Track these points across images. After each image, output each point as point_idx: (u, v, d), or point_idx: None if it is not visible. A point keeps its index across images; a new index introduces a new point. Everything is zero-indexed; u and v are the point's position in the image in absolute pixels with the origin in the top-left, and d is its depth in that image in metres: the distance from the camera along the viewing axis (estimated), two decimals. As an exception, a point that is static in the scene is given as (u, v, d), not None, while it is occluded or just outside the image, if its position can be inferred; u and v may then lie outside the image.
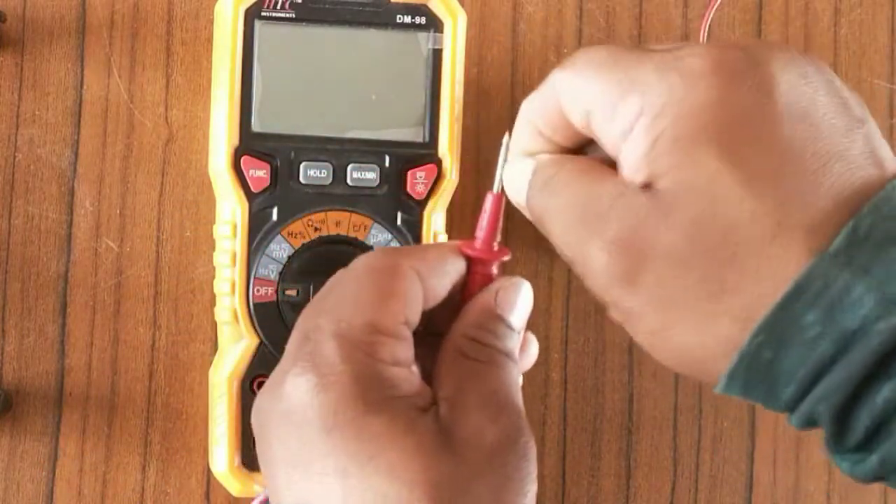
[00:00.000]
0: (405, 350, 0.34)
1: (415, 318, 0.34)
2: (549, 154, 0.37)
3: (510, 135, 0.37)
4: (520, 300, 0.36)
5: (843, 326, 0.28)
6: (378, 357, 0.32)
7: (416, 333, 0.35)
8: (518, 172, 0.37)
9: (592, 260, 0.31)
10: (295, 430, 0.32)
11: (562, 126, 0.35)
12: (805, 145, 0.30)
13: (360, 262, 0.35)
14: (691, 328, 0.30)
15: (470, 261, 0.37)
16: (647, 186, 0.31)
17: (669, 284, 0.30)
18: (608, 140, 0.33)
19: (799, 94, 0.30)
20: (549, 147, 0.37)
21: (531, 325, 0.39)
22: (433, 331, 0.37)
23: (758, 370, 0.29)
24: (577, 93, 0.33)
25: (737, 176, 0.29)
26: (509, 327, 0.36)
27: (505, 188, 0.37)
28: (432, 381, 0.35)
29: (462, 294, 0.37)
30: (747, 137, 0.30)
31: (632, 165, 0.31)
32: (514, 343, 0.36)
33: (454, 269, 0.36)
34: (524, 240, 0.52)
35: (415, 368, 0.34)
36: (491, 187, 0.38)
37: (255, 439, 0.35)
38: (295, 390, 0.32)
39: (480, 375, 0.34)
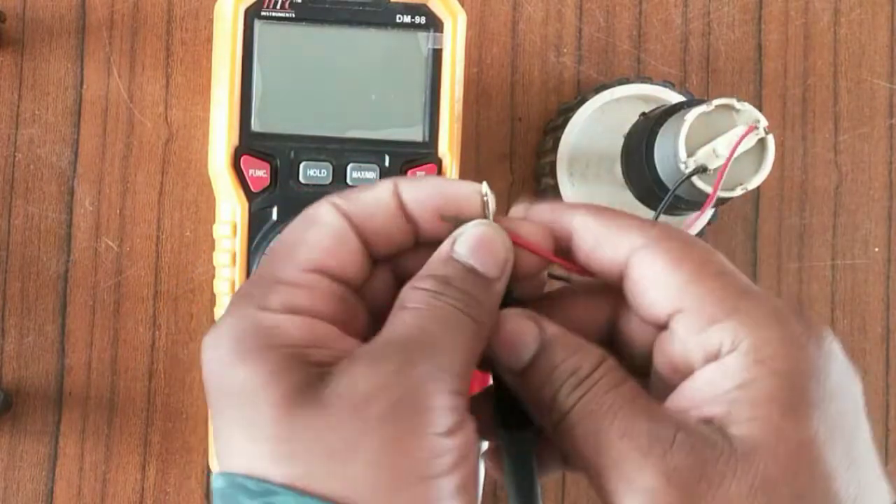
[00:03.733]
0: (309, 298, 0.31)
1: (339, 262, 0.31)
2: (549, 323, 0.32)
3: (491, 191, 0.33)
4: (487, 241, 0.32)
5: None
6: (265, 306, 0.30)
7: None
8: (518, 331, 0.32)
9: (639, 481, 0.29)
10: (206, 388, 0.31)
11: (601, 269, 0.32)
12: (869, 448, 0.31)
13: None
14: None
15: None
16: (708, 420, 0.30)
17: None
18: (683, 348, 0.31)
19: (862, 399, 0.31)
20: (544, 247, 0.33)
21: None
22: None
23: None
24: (670, 284, 0.31)
25: (822, 454, 0.29)
26: (475, 274, 0.31)
27: (496, 341, 0.32)
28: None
29: None
30: (837, 421, 0.30)
31: (707, 395, 0.30)
32: (478, 293, 0.31)
33: (391, 205, 0.32)
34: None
35: (327, 319, 0.31)
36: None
37: None
38: (202, 354, 0.31)
39: (398, 322, 0.30)
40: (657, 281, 0.31)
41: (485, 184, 0.33)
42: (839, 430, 0.30)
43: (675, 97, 0.49)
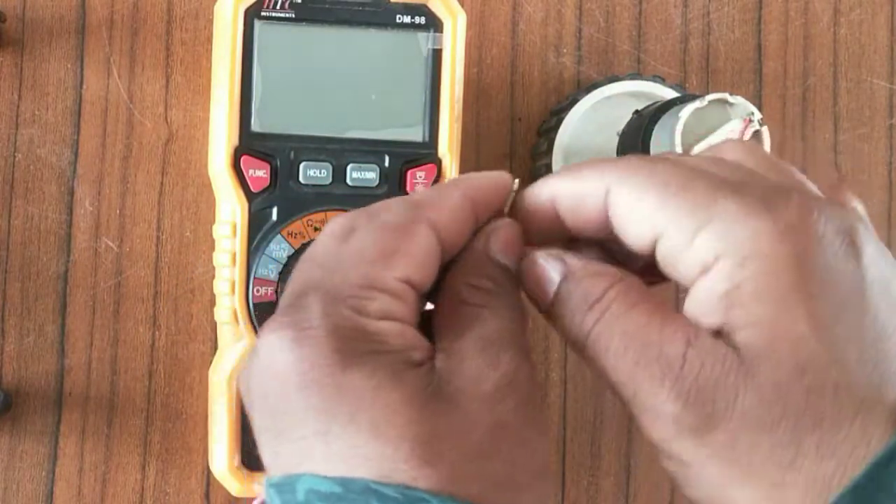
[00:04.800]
0: (401, 308, 0.31)
1: (424, 275, 0.32)
2: (570, 255, 0.33)
3: (519, 184, 0.35)
4: (513, 239, 0.34)
5: None
6: (364, 311, 0.30)
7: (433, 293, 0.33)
8: (546, 273, 0.33)
9: (658, 408, 0.29)
10: (272, 392, 0.30)
11: (591, 223, 0.33)
12: (888, 321, 0.30)
13: (373, 218, 0.33)
14: (753, 493, 0.29)
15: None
16: (718, 334, 0.30)
17: (741, 446, 0.29)
18: (679, 268, 0.31)
19: (881, 267, 0.30)
20: (547, 227, 0.34)
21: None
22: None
23: None
24: (642, 214, 0.31)
25: (825, 344, 0.29)
26: (505, 268, 0.33)
27: (524, 284, 0.34)
28: (434, 335, 0.32)
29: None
30: (836, 304, 0.29)
31: (705, 308, 0.30)
32: (516, 287, 0.33)
33: (474, 217, 0.34)
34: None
35: (411, 326, 0.32)
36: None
37: (246, 411, 0.33)
38: (270, 348, 0.30)
39: (479, 319, 0.32)
40: (631, 215, 0.31)
41: (516, 181, 0.35)
42: (839, 316, 0.29)
43: (666, 92, 0.49)
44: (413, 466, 0.28)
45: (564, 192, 0.33)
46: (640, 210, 0.31)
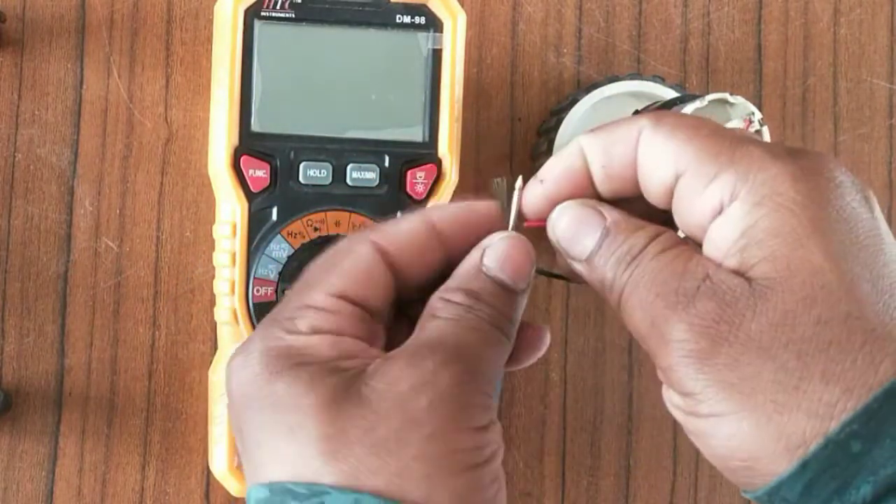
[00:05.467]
0: (335, 320, 0.32)
1: (365, 290, 0.33)
2: (607, 208, 0.34)
3: (524, 181, 0.36)
4: (515, 254, 0.34)
5: None
6: (293, 330, 0.32)
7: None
8: (586, 225, 0.34)
9: (669, 334, 0.30)
10: (231, 411, 0.33)
11: (621, 176, 0.34)
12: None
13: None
14: (754, 418, 0.29)
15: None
16: (736, 273, 0.31)
17: (743, 370, 0.29)
18: (690, 210, 0.32)
19: (884, 223, 0.32)
20: (582, 189, 0.34)
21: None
22: None
23: (837, 463, 0.28)
24: (668, 151, 0.32)
25: (838, 277, 0.29)
26: (503, 288, 0.33)
27: (559, 235, 0.34)
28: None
29: None
30: (852, 243, 0.30)
31: (720, 247, 0.31)
32: (504, 306, 0.33)
33: (424, 236, 0.34)
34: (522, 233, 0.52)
35: (353, 336, 0.33)
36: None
37: None
38: (228, 374, 0.33)
39: (432, 329, 0.32)
40: (659, 153, 0.32)
41: (520, 178, 0.35)
42: (854, 254, 0.30)
43: (666, 92, 0.49)
44: (321, 463, 0.30)
45: (596, 143, 0.34)
46: (668, 146, 0.32)
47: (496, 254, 0.34)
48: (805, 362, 0.29)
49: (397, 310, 0.35)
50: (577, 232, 0.34)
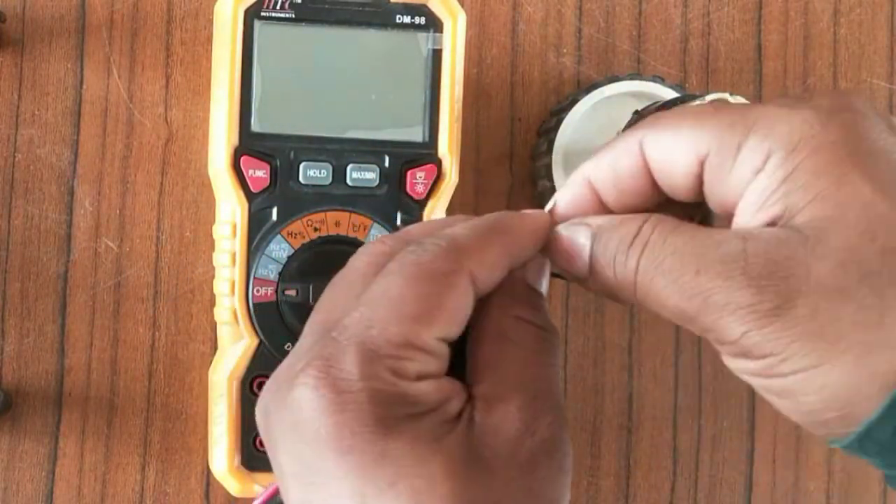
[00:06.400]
0: (437, 364, 0.31)
1: (458, 329, 0.32)
2: (591, 217, 0.34)
3: (555, 200, 0.35)
4: (547, 273, 0.35)
5: None
6: (404, 373, 0.30)
7: None
8: (575, 240, 0.33)
9: (731, 303, 0.29)
10: (307, 447, 0.30)
11: (633, 190, 0.33)
12: None
13: (411, 258, 0.32)
14: (844, 364, 0.28)
15: None
16: (773, 224, 0.30)
17: (824, 316, 0.28)
18: (727, 186, 0.31)
19: None
20: (596, 212, 0.34)
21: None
22: None
23: None
24: (682, 141, 0.31)
25: (890, 205, 0.29)
26: (546, 302, 0.34)
27: (556, 260, 0.34)
28: (467, 371, 0.32)
29: None
30: (892, 171, 0.30)
31: (760, 203, 0.30)
32: (547, 314, 0.34)
33: (509, 265, 0.34)
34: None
35: (444, 376, 0.32)
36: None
37: (263, 440, 0.33)
38: (306, 404, 0.30)
39: (526, 365, 0.32)
40: (672, 149, 0.32)
41: (553, 199, 0.35)
42: None
43: (666, 92, 0.49)
44: None
45: (601, 165, 0.33)
46: (680, 137, 0.31)
47: (538, 271, 0.34)
48: (882, 296, 0.28)
49: None
50: (569, 251, 0.33)
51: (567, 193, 0.34)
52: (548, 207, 0.35)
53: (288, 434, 0.30)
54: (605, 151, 0.34)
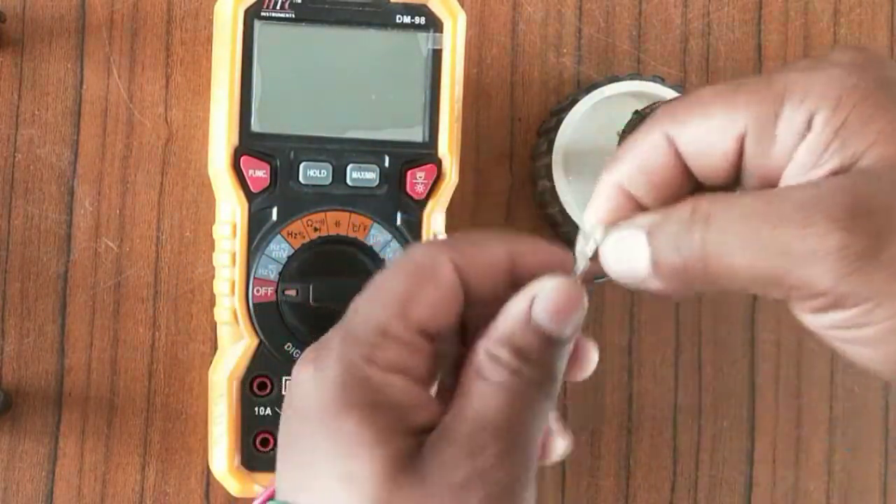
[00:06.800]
0: (412, 360, 0.31)
1: (440, 323, 0.31)
2: (635, 215, 0.32)
3: (601, 226, 0.33)
4: (566, 305, 0.31)
5: None
6: (374, 360, 0.30)
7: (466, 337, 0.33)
8: (629, 243, 0.31)
9: (819, 251, 0.27)
10: (292, 415, 0.31)
11: (663, 181, 0.32)
12: None
13: (404, 254, 0.33)
14: None
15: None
16: (834, 174, 0.29)
17: None
18: (770, 159, 0.30)
19: None
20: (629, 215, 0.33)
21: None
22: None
23: None
24: (715, 124, 0.31)
25: None
26: (550, 342, 0.31)
27: (613, 269, 0.32)
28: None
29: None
30: None
31: (813, 162, 0.29)
32: (552, 363, 0.31)
33: (502, 266, 0.32)
34: (522, 234, 0.52)
35: (420, 381, 0.32)
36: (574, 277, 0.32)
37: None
38: (297, 377, 0.31)
39: (487, 398, 0.30)
40: (705, 135, 0.31)
41: (601, 227, 0.32)
42: None
43: (666, 92, 0.49)
44: None
45: (627, 175, 0.32)
46: (712, 120, 0.31)
47: (547, 304, 0.31)
48: None
49: None
50: (626, 252, 0.31)
51: (602, 205, 0.33)
52: (581, 267, 0.33)
53: (286, 407, 0.32)
54: (626, 154, 0.32)
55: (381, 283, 0.32)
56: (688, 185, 0.32)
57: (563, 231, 0.51)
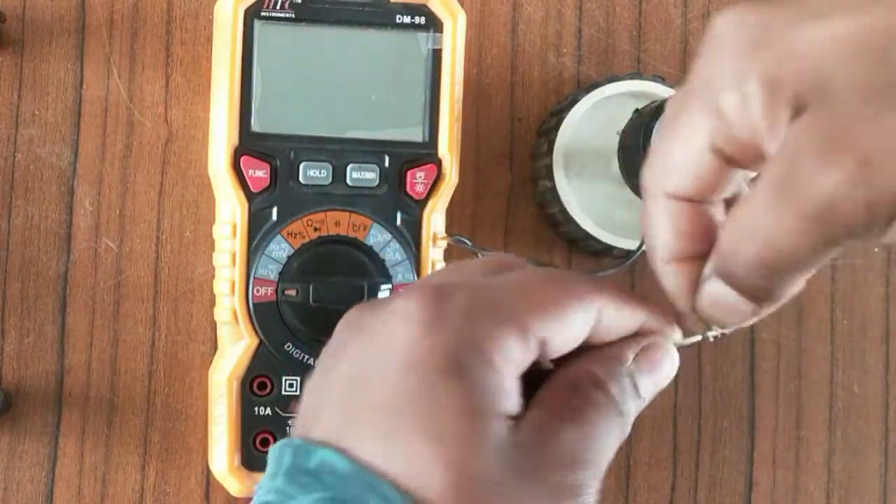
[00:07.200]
0: (522, 358, 0.30)
1: (560, 347, 0.31)
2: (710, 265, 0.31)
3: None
4: (660, 366, 0.33)
5: None
6: (495, 338, 0.30)
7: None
8: (718, 298, 0.31)
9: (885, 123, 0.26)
10: (374, 359, 0.30)
11: (709, 171, 0.31)
12: None
13: (554, 271, 0.33)
14: None
15: None
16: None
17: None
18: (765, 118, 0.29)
19: None
20: (701, 237, 0.31)
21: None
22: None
23: None
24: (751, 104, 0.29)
25: None
26: (635, 390, 0.32)
27: (717, 315, 0.32)
28: (530, 402, 0.32)
29: None
30: None
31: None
32: (630, 406, 0.32)
33: (635, 330, 0.33)
34: (523, 234, 0.52)
35: (516, 382, 0.31)
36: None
37: (326, 347, 0.33)
38: (407, 310, 0.30)
39: (577, 415, 0.31)
40: (686, 140, 0.30)
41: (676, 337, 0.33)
42: None
43: (666, 92, 0.49)
44: (437, 500, 0.28)
45: (677, 184, 0.31)
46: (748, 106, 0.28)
47: (651, 372, 0.33)
48: None
49: None
50: (727, 307, 0.31)
51: (664, 225, 0.31)
52: (683, 305, 0.32)
53: (365, 330, 0.31)
54: (663, 155, 0.31)
55: (517, 275, 0.32)
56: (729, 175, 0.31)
57: (563, 231, 0.51)
